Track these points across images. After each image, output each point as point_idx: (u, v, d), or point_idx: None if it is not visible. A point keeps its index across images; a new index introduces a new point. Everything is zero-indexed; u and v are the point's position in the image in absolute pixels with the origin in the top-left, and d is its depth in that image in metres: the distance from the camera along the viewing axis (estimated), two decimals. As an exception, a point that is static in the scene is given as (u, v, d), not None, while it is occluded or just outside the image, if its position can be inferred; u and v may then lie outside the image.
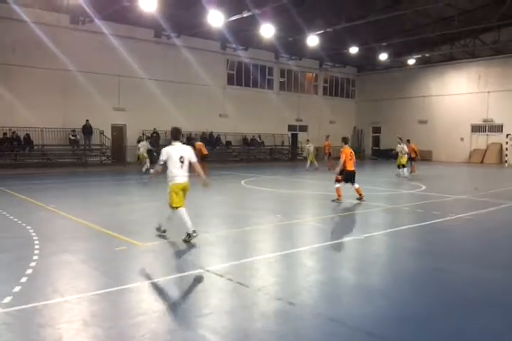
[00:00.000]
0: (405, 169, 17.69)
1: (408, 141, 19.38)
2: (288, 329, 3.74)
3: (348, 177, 11.08)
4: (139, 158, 19.87)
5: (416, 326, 3.83)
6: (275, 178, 17.77)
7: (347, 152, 11.02)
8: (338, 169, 11.14)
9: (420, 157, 20.97)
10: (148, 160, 18.67)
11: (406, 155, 18.03)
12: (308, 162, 21.82)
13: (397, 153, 18.38)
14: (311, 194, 12.17)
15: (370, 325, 3.83)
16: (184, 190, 6.73)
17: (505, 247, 6.87)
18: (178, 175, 6.62)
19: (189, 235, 6.62)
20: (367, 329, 3.74)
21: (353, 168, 11.06)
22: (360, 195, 11.19)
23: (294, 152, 33.75)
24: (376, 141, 38.69)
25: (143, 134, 24.29)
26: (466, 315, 4.03)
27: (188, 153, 6.78)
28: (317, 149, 25.02)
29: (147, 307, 4.19)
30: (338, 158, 11.48)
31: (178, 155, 6.64)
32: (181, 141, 6.92)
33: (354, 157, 11.21)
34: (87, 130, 22.90)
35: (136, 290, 4.63)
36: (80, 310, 4.07)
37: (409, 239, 7.41)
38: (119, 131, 25.27)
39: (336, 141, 19.60)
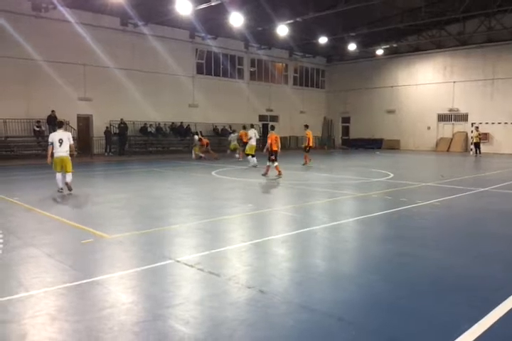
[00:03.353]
0: (249, 157, 17.87)
1: (306, 126, 19.11)
2: (258, 317, 3.74)
3: (272, 155, 14.09)
4: (232, 149, 23.16)
5: (384, 311, 3.90)
6: (246, 168, 17.73)
7: (272, 137, 14.30)
8: (265, 150, 14.35)
9: (388, 146, 20.71)
10: (240, 149, 21.72)
11: (254, 143, 18.40)
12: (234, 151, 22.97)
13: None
14: (282, 183, 12.21)
15: (340, 311, 3.87)
16: (61, 161, 9.88)
17: (469, 233, 7.06)
18: (57, 152, 9.87)
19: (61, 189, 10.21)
20: (337, 315, 3.78)
21: (275, 149, 14.10)
22: (272, 171, 13.95)
23: (265, 142, 33.73)
24: (346, 131, 39.16)
25: (230, 127, 28.39)
26: (432, 300, 4.11)
27: (65, 137, 10.02)
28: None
29: (115, 299, 4.10)
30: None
31: (58, 138, 9.92)
32: (64, 129, 10.53)
33: (278, 141, 14.44)
34: (53, 121, 22.21)
35: (105, 282, 4.53)
36: (46, 305, 3.95)
37: (378, 226, 7.53)
38: (85, 122, 24.65)
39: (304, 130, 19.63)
